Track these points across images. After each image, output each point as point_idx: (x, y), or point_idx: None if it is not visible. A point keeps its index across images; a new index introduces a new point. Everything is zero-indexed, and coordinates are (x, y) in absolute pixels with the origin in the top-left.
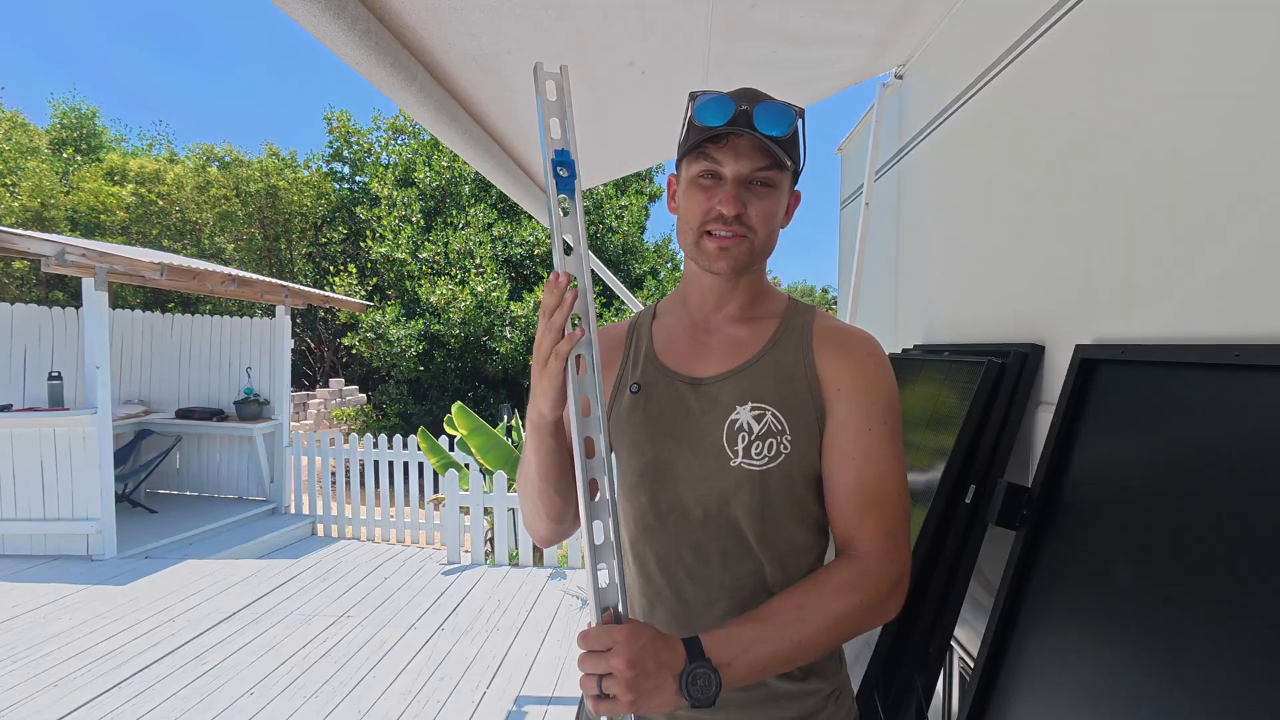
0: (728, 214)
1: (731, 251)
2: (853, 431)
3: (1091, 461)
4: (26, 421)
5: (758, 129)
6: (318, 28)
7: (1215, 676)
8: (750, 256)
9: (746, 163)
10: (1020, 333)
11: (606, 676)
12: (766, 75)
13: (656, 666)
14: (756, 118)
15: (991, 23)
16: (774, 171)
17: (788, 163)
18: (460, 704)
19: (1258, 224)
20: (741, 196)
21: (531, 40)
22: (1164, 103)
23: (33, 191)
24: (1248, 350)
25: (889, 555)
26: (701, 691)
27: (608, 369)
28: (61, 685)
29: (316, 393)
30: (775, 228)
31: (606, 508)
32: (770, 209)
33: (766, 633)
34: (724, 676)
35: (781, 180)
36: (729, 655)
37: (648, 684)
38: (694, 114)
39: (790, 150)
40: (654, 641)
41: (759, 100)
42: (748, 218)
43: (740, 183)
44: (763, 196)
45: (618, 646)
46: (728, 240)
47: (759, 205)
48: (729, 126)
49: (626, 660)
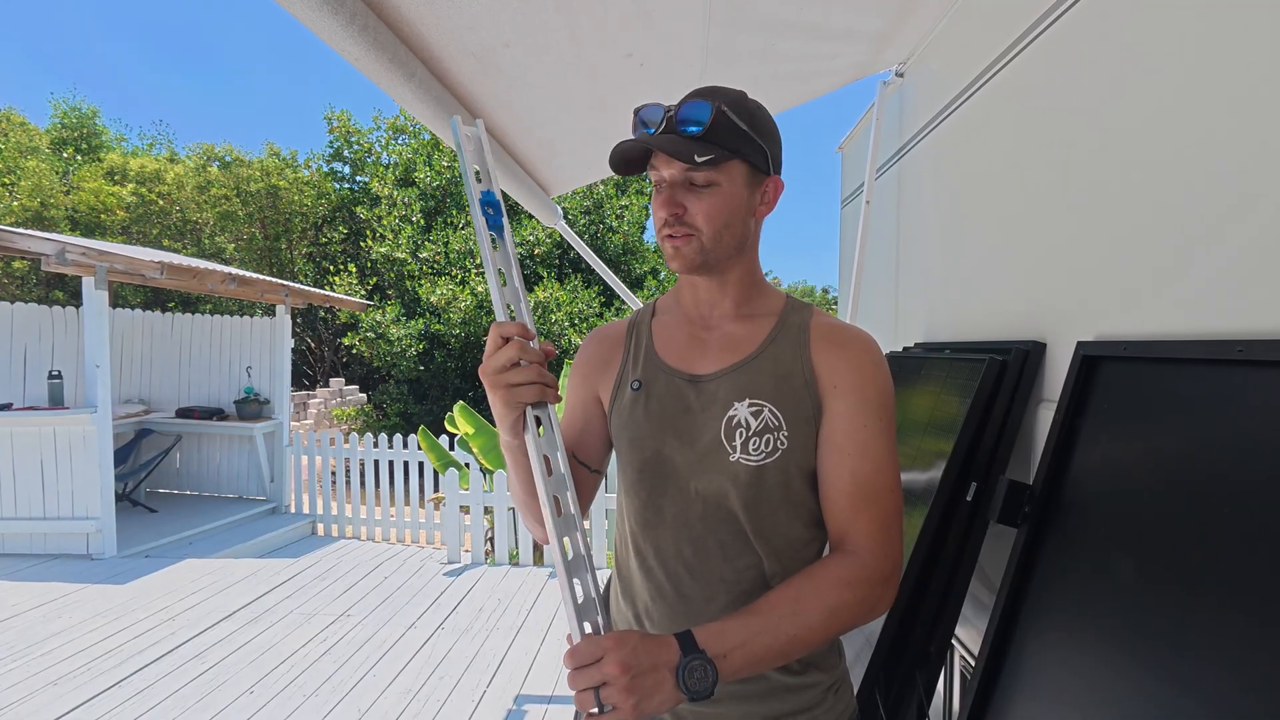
0: (665, 216)
1: (682, 251)
2: (848, 427)
3: (1093, 459)
4: (27, 420)
5: (680, 129)
6: (316, 23)
7: (1216, 673)
8: (702, 254)
9: (674, 166)
10: (1021, 330)
11: (604, 686)
12: (765, 68)
13: (651, 665)
14: (679, 118)
15: (992, 20)
16: (709, 170)
17: (705, 157)
18: (460, 703)
19: (1258, 220)
20: (678, 198)
21: (530, 33)
22: (1164, 100)
23: (33, 191)
24: (1250, 346)
25: (882, 549)
26: (699, 684)
27: (608, 366)
28: (61, 684)
29: (317, 392)
30: (728, 222)
31: (573, 523)
32: (713, 206)
33: (762, 626)
34: (719, 669)
35: (722, 174)
36: (724, 648)
37: (646, 684)
38: (634, 128)
39: (724, 140)
40: (643, 642)
41: (685, 99)
42: (690, 217)
43: (675, 185)
44: (702, 195)
45: (608, 655)
46: (677, 240)
47: (699, 204)
48: (651, 136)
49: (620, 665)
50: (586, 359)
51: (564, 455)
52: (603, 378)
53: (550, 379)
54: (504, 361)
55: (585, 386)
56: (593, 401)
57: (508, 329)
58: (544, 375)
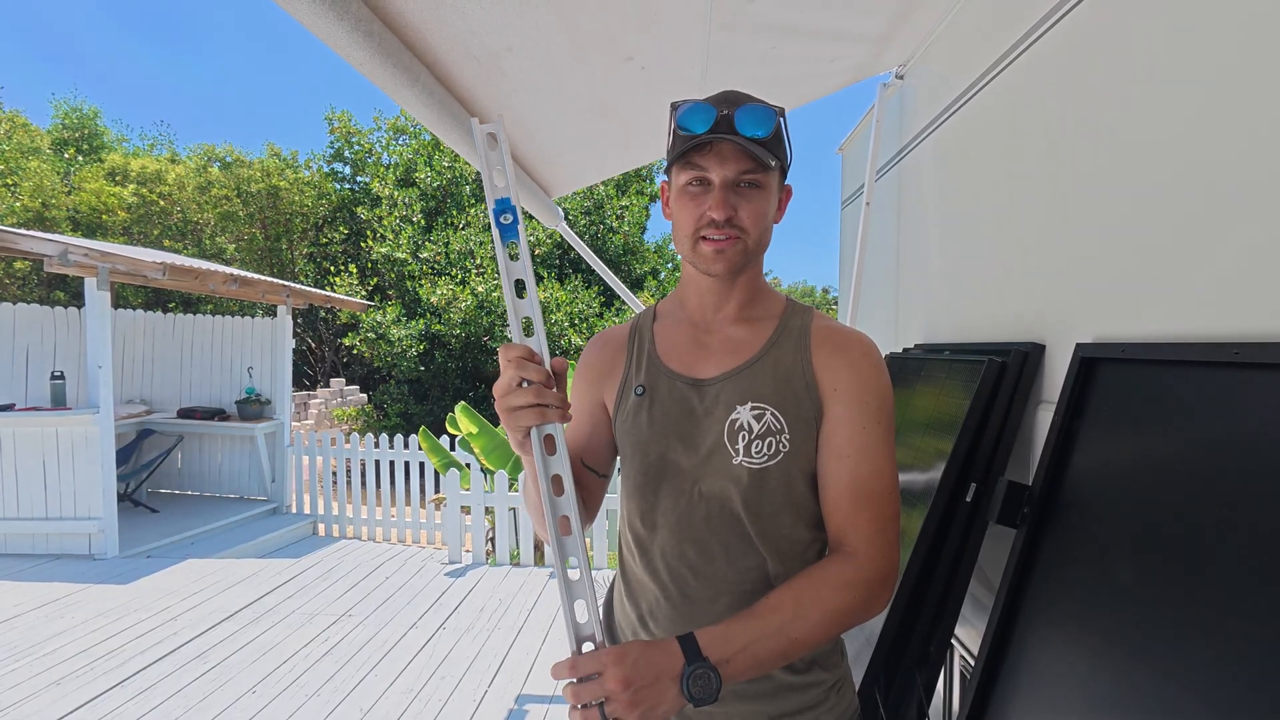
0: (719, 218)
1: (727, 254)
2: (848, 430)
3: (1092, 460)
4: (29, 421)
5: (740, 132)
6: (322, 29)
7: (1215, 674)
8: (745, 257)
9: (732, 167)
10: (1021, 332)
11: (606, 702)
12: (766, 71)
13: (654, 677)
14: (738, 121)
15: (992, 23)
16: (760, 173)
17: (772, 163)
18: (462, 702)
19: (1257, 223)
20: (730, 200)
21: (532, 37)
22: (1165, 101)
23: (34, 192)
24: (1247, 348)
25: (880, 550)
26: (703, 691)
27: (611, 372)
28: (64, 684)
29: (317, 393)
30: (767, 226)
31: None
32: (760, 209)
33: (764, 629)
34: (723, 674)
35: (768, 180)
36: (727, 652)
37: (649, 696)
38: (677, 123)
39: (775, 149)
40: (645, 653)
41: (740, 103)
42: (739, 220)
43: (728, 187)
44: (751, 198)
45: (609, 670)
46: (722, 243)
47: (748, 207)
48: (711, 133)
49: (621, 680)
50: (590, 365)
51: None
52: (607, 383)
53: (553, 398)
54: (505, 384)
55: (590, 393)
56: (598, 408)
57: (512, 351)
58: (544, 396)
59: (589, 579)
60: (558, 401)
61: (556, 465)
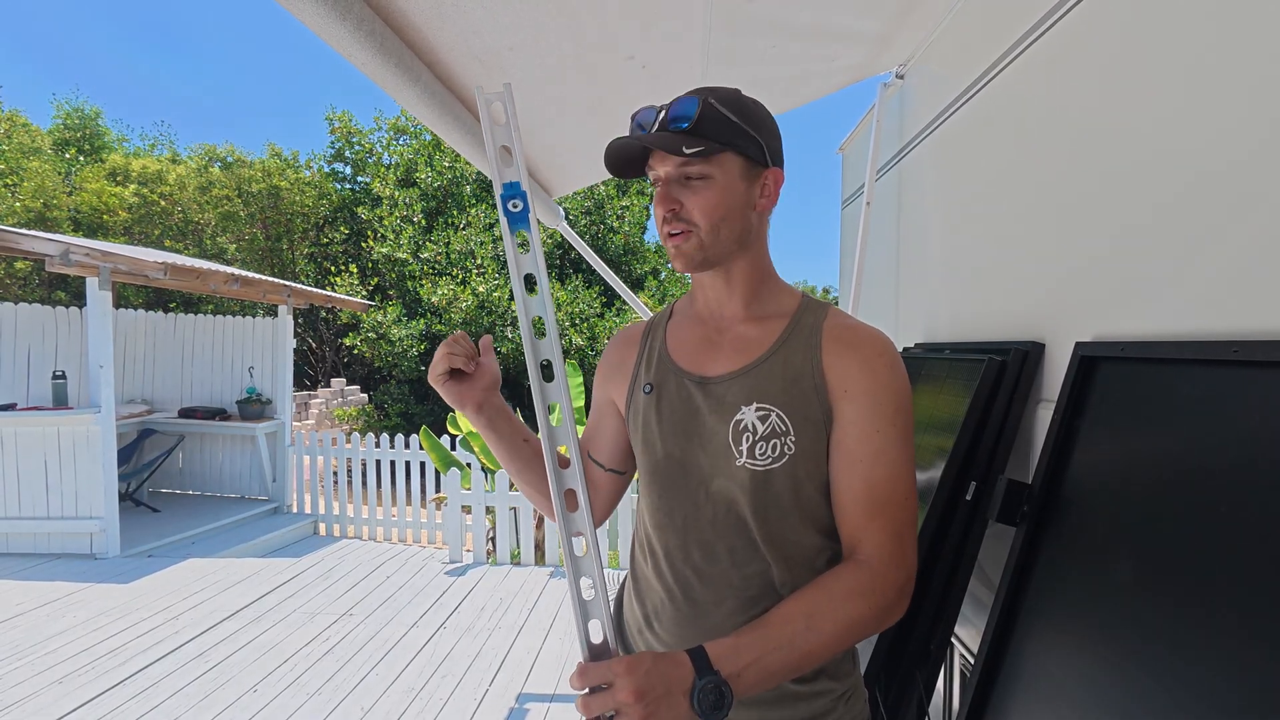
0: (663, 213)
1: (681, 248)
2: (860, 433)
3: (1091, 458)
4: (31, 420)
5: (672, 126)
6: (324, 29)
7: (1215, 673)
8: (701, 250)
9: (669, 162)
10: (1020, 330)
11: (616, 714)
12: (765, 71)
13: (665, 690)
14: (670, 115)
15: (992, 23)
16: (700, 163)
17: (693, 149)
18: (463, 701)
19: (1256, 221)
20: (673, 194)
21: (533, 37)
22: (1164, 101)
23: (35, 192)
24: (1246, 346)
25: (895, 559)
26: (714, 706)
27: (623, 370)
28: (66, 682)
29: (318, 393)
30: (725, 215)
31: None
32: (707, 199)
33: (777, 642)
34: (734, 687)
35: (714, 167)
36: (737, 666)
37: (660, 710)
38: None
39: (714, 133)
40: (656, 664)
41: (675, 99)
42: (686, 213)
43: (670, 182)
44: (697, 190)
45: (620, 680)
46: (677, 238)
47: (695, 199)
48: (640, 135)
49: (634, 692)
50: (606, 362)
51: (579, 450)
52: (618, 380)
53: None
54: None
55: (602, 389)
56: (607, 403)
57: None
58: (451, 347)
59: (604, 595)
60: (460, 351)
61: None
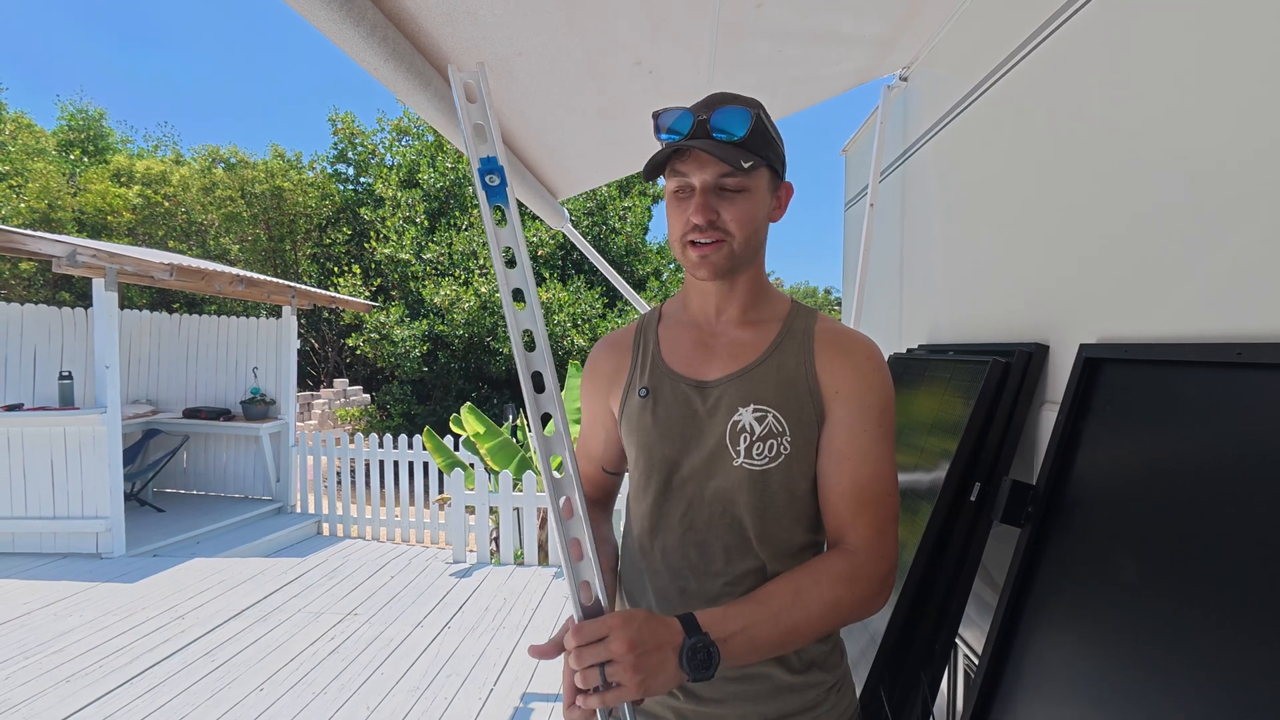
0: (700, 223)
1: (711, 258)
2: (848, 433)
3: (1096, 460)
4: (37, 420)
5: (715, 136)
6: (339, 35)
7: (1219, 674)
8: (731, 260)
9: (711, 171)
10: (1025, 332)
11: (609, 664)
12: (770, 74)
13: (656, 645)
14: (714, 124)
15: (996, 26)
16: (739, 175)
17: (748, 164)
18: (468, 700)
19: (1260, 223)
20: (712, 203)
21: (542, 42)
22: (1167, 103)
23: (40, 193)
24: (1249, 349)
25: (879, 552)
26: (702, 665)
27: (616, 377)
28: (74, 681)
29: (321, 393)
30: (756, 227)
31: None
32: (745, 211)
33: (763, 614)
34: (721, 651)
35: (752, 180)
36: (725, 632)
37: (651, 663)
38: (657, 132)
39: (758, 147)
40: (648, 621)
41: (716, 106)
42: (722, 223)
43: (709, 191)
44: (735, 201)
45: (615, 633)
46: (707, 248)
47: (732, 209)
48: (688, 139)
49: (627, 643)
50: (597, 371)
51: (583, 496)
52: (612, 389)
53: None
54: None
55: (598, 400)
56: (606, 414)
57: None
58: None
59: (594, 558)
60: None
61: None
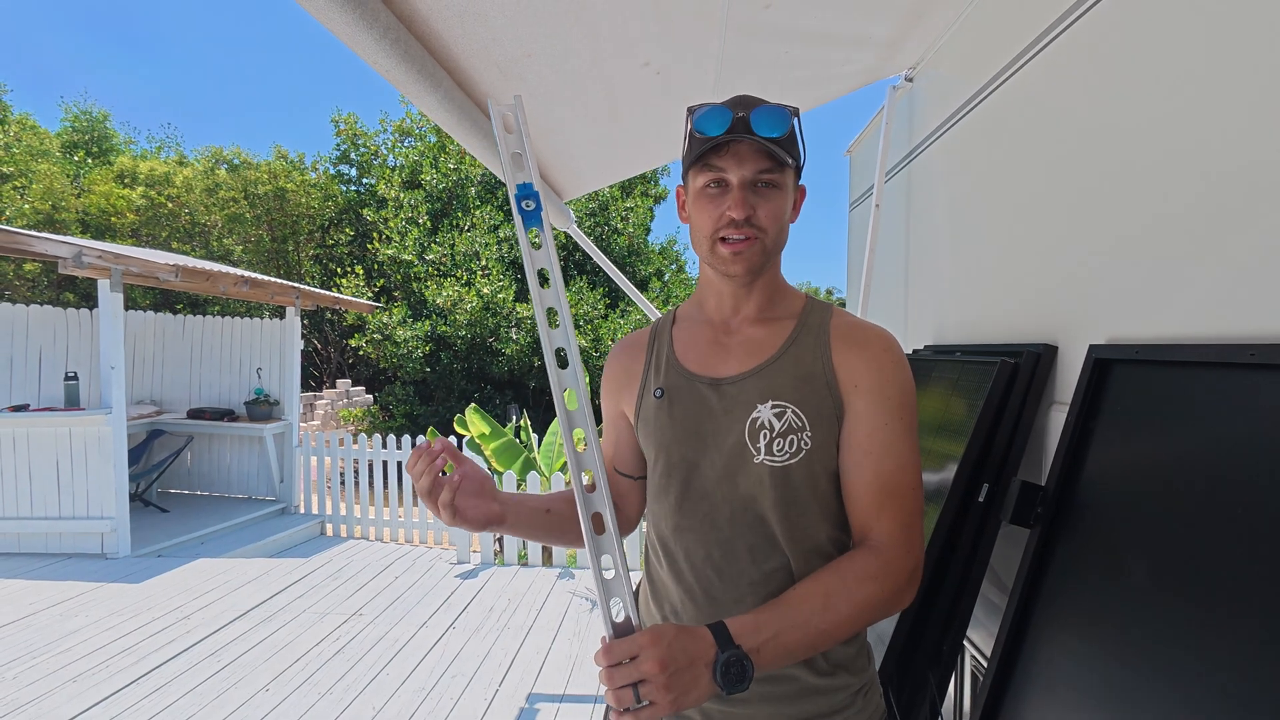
0: (738, 218)
1: (745, 254)
2: (870, 427)
3: (1105, 461)
4: (43, 421)
5: (756, 133)
6: (351, 37)
7: (1230, 675)
8: (763, 256)
9: (750, 166)
10: (1033, 333)
11: (641, 684)
12: (777, 75)
13: (688, 661)
14: (754, 122)
15: (1003, 27)
16: (777, 173)
17: (789, 161)
18: (473, 701)
19: (1270, 223)
20: (749, 199)
21: (551, 43)
22: (1175, 103)
23: (44, 194)
24: (1261, 349)
25: (905, 547)
26: (736, 679)
27: (630, 380)
28: (80, 681)
29: (323, 394)
30: (784, 225)
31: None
32: (777, 209)
33: (794, 620)
34: (754, 662)
35: (785, 179)
36: (757, 641)
37: (684, 680)
38: (694, 127)
39: (790, 149)
40: (679, 637)
41: (754, 105)
42: (757, 219)
43: (746, 186)
44: (769, 198)
45: (645, 651)
46: (740, 244)
47: (766, 206)
48: (729, 134)
49: (659, 662)
50: (612, 374)
51: (604, 472)
52: (627, 390)
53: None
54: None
55: (613, 401)
56: (620, 415)
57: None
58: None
59: (625, 576)
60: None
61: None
